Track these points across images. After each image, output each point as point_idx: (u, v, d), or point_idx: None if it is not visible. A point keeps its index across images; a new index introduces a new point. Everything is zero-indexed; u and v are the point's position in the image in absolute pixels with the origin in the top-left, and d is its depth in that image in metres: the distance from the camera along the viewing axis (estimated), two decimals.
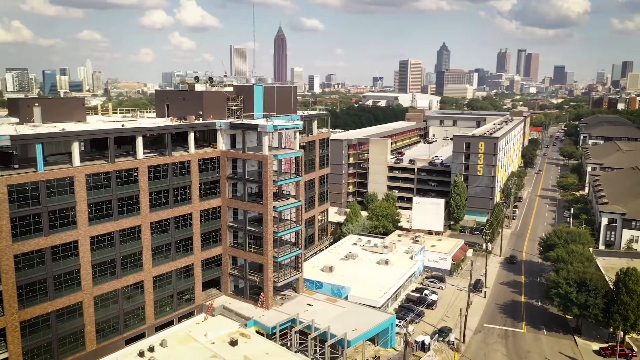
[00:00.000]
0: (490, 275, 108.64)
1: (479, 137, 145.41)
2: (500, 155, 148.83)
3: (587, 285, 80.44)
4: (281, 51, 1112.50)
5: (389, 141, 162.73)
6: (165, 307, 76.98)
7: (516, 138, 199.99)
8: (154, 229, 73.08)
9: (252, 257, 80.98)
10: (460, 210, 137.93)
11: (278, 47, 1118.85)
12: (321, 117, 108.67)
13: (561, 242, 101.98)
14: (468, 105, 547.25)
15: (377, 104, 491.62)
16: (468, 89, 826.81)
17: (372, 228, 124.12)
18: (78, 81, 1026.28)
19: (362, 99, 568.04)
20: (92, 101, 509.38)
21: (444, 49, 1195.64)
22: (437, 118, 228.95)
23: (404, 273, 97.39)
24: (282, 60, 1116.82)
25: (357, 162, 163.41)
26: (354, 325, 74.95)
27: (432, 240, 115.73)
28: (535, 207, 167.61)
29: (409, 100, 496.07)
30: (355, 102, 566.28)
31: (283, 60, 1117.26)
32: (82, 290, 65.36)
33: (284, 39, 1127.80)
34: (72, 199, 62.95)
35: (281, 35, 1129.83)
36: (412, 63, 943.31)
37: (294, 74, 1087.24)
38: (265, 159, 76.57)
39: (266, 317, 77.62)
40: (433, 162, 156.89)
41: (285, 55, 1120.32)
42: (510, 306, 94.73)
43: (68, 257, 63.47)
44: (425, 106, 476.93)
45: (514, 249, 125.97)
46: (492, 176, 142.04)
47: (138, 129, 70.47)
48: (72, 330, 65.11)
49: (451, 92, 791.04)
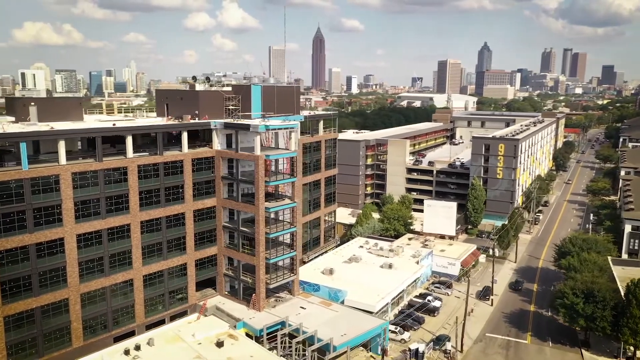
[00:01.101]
0: (501, 283, 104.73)
1: (498, 138, 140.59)
2: (522, 157, 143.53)
3: (595, 296, 76.09)
4: (319, 52, 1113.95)
5: (408, 142, 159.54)
6: (157, 306, 77.20)
7: (545, 140, 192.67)
8: (144, 228, 73.33)
9: (245, 258, 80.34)
10: (478, 214, 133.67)
11: (316, 47, 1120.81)
12: (328, 117, 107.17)
13: (576, 249, 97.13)
14: (506, 106, 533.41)
15: (411, 105, 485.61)
16: (509, 89, 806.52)
17: (383, 231, 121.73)
18: (123, 82, 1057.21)
19: (396, 100, 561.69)
20: (134, 101, 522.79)
21: (486, 48, 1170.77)
22: (465, 119, 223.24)
23: (407, 278, 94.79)
24: (321, 60, 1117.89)
25: (376, 163, 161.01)
26: (344, 330, 73.32)
27: (443, 245, 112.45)
28: (561, 212, 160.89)
29: (444, 101, 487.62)
30: (391, 103, 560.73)
31: (321, 60, 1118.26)
32: (68, 287, 66.10)
33: (322, 40, 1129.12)
34: (58, 196, 63.70)
35: (320, 35, 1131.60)
36: (451, 63, 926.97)
37: (332, 75, 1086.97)
38: (256, 159, 75.77)
39: (256, 319, 76.80)
40: (453, 164, 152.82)
41: (324, 55, 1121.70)
42: (517, 315, 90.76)
43: (54, 254, 64.27)
44: (461, 107, 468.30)
45: (530, 255, 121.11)
46: (512, 179, 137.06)
47: (127, 128, 70.88)
48: (57, 327, 65.90)
49: (491, 92, 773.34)
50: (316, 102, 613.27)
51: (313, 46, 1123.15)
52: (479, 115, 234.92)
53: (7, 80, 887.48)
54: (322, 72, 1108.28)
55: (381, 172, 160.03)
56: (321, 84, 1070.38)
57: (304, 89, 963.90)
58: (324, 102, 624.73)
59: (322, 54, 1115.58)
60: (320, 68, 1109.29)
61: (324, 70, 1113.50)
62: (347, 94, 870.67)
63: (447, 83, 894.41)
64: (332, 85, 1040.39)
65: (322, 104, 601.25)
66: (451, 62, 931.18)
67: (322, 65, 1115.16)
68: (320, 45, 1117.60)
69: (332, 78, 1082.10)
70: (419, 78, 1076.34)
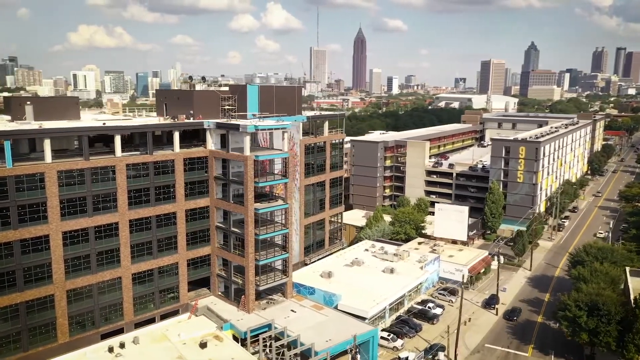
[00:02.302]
0: (511, 291, 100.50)
1: (519, 141, 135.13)
2: (544, 161, 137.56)
3: (599, 309, 71.55)
4: (360, 52, 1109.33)
5: (427, 144, 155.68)
6: (147, 304, 77.64)
7: (578, 143, 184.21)
8: (133, 227, 73.83)
9: (236, 259, 79.85)
10: (496, 218, 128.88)
11: (357, 48, 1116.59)
12: (333, 117, 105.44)
13: (589, 259, 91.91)
14: (549, 107, 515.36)
15: (449, 106, 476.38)
16: (555, 90, 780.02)
17: (394, 234, 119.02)
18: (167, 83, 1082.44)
19: (434, 101, 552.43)
20: None
21: (533, 48, 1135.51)
22: (495, 121, 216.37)
23: (408, 283, 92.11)
24: (362, 61, 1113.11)
25: (395, 165, 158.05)
26: (330, 335, 71.70)
27: (453, 250, 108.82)
28: (590, 218, 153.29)
29: (483, 102, 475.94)
30: (429, 104, 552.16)
31: (362, 61, 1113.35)
32: (53, 284, 67.16)
33: (363, 40, 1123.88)
34: (43, 194, 64.83)
35: (361, 36, 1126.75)
36: (495, 63, 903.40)
37: (373, 75, 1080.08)
38: (245, 159, 75.10)
39: (244, 320, 76.11)
40: (474, 166, 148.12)
41: (365, 56, 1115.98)
42: (522, 326, 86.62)
43: (38, 250, 65.46)
44: (501, 108, 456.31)
45: (548, 264, 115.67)
46: (534, 183, 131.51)
47: (116, 127, 71.55)
48: (43, 322, 67.07)
49: (536, 93, 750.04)
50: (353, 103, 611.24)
51: (354, 47, 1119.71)
52: (510, 117, 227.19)
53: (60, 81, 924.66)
54: (362, 73, 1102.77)
55: (400, 174, 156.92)
56: (362, 84, 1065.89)
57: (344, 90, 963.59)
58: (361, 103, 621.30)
59: (363, 55, 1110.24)
60: (361, 69, 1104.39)
61: (364, 71, 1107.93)
62: (387, 94, 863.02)
63: (490, 84, 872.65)
64: (373, 86, 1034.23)
65: (359, 105, 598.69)
66: (495, 62, 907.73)
67: (363, 66, 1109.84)
68: (361, 46, 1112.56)
69: (372, 79, 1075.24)
70: (462, 79, 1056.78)
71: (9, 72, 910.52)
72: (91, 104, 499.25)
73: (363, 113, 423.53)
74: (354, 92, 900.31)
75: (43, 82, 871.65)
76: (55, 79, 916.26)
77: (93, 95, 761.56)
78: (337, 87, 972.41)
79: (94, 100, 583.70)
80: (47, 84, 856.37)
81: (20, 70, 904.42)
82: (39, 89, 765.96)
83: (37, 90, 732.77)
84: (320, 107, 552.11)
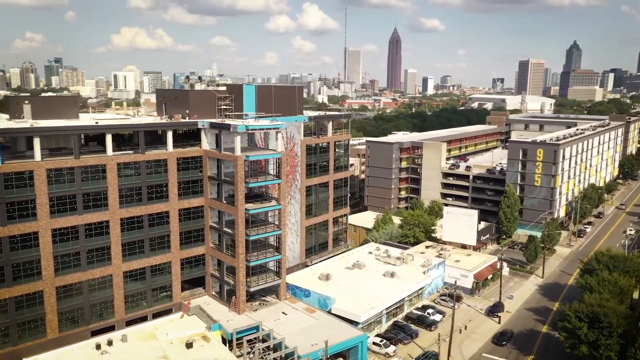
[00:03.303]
0: (519, 299, 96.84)
1: (537, 143, 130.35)
2: (564, 164, 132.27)
3: (600, 321, 67.86)
4: (395, 52, 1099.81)
5: (444, 145, 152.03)
6: (139, 302, 78.11)
7: (607, 145, 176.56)
8: (124, 225, 74.36)
9: (228, 259, 79.52)
10: (510, 223, 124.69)
11: (392, 48, 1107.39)
12: (337, 118, 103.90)
13: (600, 267, 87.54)
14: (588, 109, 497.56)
15: (482, 106, 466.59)
16: (597, 91, 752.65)
17: (402, 237, 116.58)
18: None
19: (468, 101, 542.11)
20: None
21: (575, 47, 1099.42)
22: (522, 122, 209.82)
23: (407, 288, 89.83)
24: (397, 61, 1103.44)
25: (411, 167, 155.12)
26: (317, 340, 70.31)
27: (460, 255, 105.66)
28: (615, 224, 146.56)
29: (518, 103, 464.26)
30: (462, 104, 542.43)
31: (397, 61, 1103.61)
32: (42, 280, 68.24)
33: (398, 40, 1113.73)
34: (32, 192, 65.91)
35: (396, 36, 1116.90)
36: (533, 63, 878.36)
37: (407, 76, 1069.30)
38: (235, 159, 74.64)
39: (233, 321, 75.68)
40: (491, 169, 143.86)
41: (400, 56, 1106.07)
42: (525, 336, 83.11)
43: (27, 247, 66.61)
44: (536, 109, 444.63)
45: (562, 271, 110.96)
46: (552, 187, 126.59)
47: (105, 126, 72.20)
48: (32, 317, 68.27)
49: (576, 94, 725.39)
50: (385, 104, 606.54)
51: (389, 47, 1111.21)
52: (537, 118, 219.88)
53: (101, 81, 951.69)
54: (397, 74, 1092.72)
55: (416, 176, 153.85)
56: (396, 85, 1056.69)
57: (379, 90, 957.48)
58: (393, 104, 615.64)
59: (398, 55, 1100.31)
60: (395, 69, 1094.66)
61: (399, 71, 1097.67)
62: (421, 95, 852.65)
63: (528, 84, 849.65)
64: (407, 87, 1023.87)
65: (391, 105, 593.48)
66: (533, 62, 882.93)
67: (398, 66, 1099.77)
68: (396, 46, 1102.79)
69: (407, 79, 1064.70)
70: (500, 79, 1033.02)
71: (55, 73, 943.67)
72: (130, 103, 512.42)
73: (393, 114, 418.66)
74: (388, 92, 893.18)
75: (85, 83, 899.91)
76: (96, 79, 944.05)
77: (132, 95, 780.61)
78: (371, 87, 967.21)
79: (132, 100, 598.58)
80: (90, 84, 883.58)
81: (65, 71, 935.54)
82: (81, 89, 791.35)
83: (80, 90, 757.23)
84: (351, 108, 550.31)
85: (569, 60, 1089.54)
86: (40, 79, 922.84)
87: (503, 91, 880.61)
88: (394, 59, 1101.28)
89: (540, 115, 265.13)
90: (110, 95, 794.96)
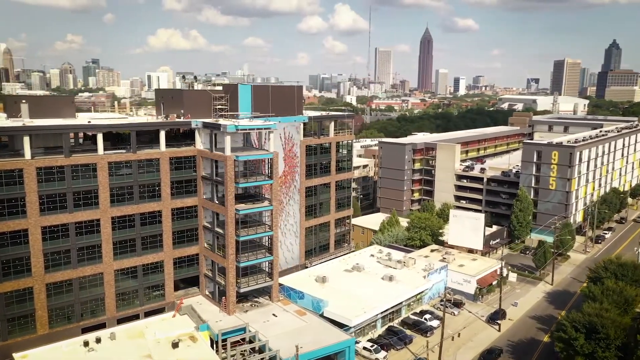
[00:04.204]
0: (524, 306, 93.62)
1: (552, 145, 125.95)
2: (582, 167, 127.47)
3: (597, 332, 64.74)
4: (427, 52, 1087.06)
5: (458, 147, 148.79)
6: (130, 300, 78.54)
7: (632, 148, 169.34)
8: (115, 224, 74.84)
9: (219, 259, 79.24)
10: (523, 228, 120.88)
11: (424, 48, 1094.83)
12: (339, 118, 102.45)
13: (607, 275, 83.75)
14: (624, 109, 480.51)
15: (512, 107, 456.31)
16: (636, 91, 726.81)
17: (409, 240, 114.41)
18: None
19: (498, 102, 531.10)
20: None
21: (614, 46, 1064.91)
22: (545, 123, 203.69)
23: (405, 292, 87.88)
24: (428, 61, 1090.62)
25: (424, 169, 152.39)
26: (303, 343, 69.13)
27: (465, 260, 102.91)
28: (638, 230, 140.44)
29: (549, 104, 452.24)
30: (492, 105, 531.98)
31: (429, 61, 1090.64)
32: (32, 277, 69.21)
33: (430, 40, 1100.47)
34: (22, 190, 66.93)
35: (427, 36, 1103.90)
36: (569, 63, 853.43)
37: (439, 76, 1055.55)
38: (224, 159, 74.28)
39: (221, 322, 75.29)
40: (506, 171, 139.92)
41: (431, 56, 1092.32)
42: (524, 345, 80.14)
43: (17, 244, 67.62)
44: (569, 110, 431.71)
45: (574, 278, 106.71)
46: (567, 191, 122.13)
47: (96, 125, 72.79)
48: (21, 314, 69.26)
49: (614, 94, 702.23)
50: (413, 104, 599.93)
51: (420, 47, 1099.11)
52: (562, 119, 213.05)
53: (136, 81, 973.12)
54: (428, 74, 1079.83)
55: (430, 178, 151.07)
56: (427, 85, 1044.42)
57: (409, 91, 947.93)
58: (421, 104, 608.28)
59: (430, 55, 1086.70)
60: (427, 69, 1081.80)
61: (430, 71, 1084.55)
62: (452, 95, 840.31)
63: (564, 84, 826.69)
64: (438, 87, 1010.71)
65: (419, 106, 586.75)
66: (569, 61, 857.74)
67: (429, 66, 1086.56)
68: (428, 46, 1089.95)
69: (438, 79, 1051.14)
70: (535, 79, 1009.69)
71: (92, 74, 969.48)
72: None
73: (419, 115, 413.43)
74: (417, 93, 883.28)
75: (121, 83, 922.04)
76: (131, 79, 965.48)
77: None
78: (402, 87, 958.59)
79: None
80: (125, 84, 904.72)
81: (102, 72, 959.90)
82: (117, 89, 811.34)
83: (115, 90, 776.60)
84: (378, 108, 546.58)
85: (607, 59, 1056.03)
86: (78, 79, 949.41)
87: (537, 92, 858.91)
88: (425, 59, 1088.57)
89: (565, 116, 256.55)
90: (144, 95, 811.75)
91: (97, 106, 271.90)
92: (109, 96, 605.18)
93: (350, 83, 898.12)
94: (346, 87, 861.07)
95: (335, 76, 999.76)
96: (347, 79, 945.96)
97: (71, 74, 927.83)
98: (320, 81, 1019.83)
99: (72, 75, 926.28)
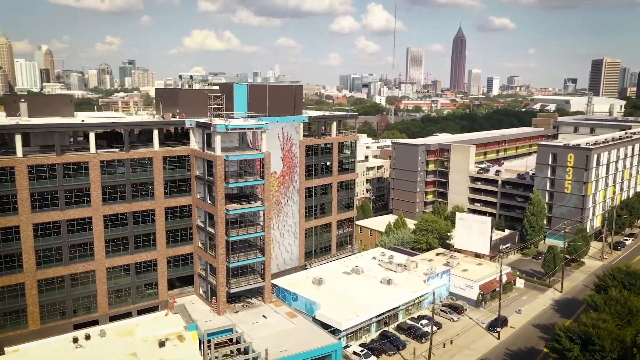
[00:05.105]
0: (528, 314, 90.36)
1: (568, 147, 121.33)
2: (600, 170, 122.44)
3: (593, 344, 61.65)
4: (459, 52, 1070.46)
5: (473, 148, 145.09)
6: (123, 298, 79.11)
7: None
8: (107, 222, 75.48)
9: (210, 259, 79.04)
10: (535, 232, 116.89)
11: (457, 47, 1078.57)
12: (340, 118, 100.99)
13: (614, 284, 79.89)
14: None
15: (545, 108, 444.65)
16: None
17: (415, 243, 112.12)
18: None
19: (530, 102, 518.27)
20: None
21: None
22: (571, 124, 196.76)
23: (402, 296, 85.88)
24: (461, 61, 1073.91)
25: (438, 170, 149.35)
26: (288, 345, 68.50)
27: (470, 264, 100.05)
28: None
29: (583, 104, 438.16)
30: (524, 106, 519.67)
31: (461, 61, 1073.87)
32: (24, 273, 70.39)
33: (463, 40, 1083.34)
34: (13, 187, 68.11)
35: (460, 35, 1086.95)
36: (608, 62, 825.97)
37: (471, 76, 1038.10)
38: (214, 159, 73.98)
39: (210, 322, 75.02)
40: (522, 174, 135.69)
41: (464, 56, 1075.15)
42: (523, 354, 77.12)
43: (9, 240, 68.86)
44: (604, 111, 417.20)
45: (586, 286, 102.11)
46: (583, 195, 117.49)
47: (89, 124, 73.52)
48: (13, 309, 70.55)
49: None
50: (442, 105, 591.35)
51: (453, 47, 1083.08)
52: (589, 120, 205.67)
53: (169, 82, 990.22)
54: (461, 74, 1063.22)
55: (444, 180, 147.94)
56: (459, 85, 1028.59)
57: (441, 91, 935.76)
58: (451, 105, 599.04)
59: (462, 55, 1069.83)
60: (459, 69, 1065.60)
61: (463, 71, 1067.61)
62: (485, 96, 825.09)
63: (602, 85, 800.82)
64: (471, 87, 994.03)
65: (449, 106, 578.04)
66: (608, 61, 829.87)
67: (462, 66, 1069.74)
68: (460, 45, 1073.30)
69: (471, 79, 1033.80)
70: (572, 79, 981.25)
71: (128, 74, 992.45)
72: None
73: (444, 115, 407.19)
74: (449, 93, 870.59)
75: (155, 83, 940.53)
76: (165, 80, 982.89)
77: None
78: (433, 88, 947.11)
79: None
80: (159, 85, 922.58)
81: (137, 72, 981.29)
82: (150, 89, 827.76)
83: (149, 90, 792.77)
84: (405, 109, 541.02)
85: None
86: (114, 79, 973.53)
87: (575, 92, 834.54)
88: (457, 58, 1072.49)
89: (592, 117, 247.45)
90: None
91: (110, 106, 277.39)
92: (143, 96, 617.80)
93: (380, 83, 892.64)
94: (377, 88, 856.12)
95: (366, 76, 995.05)
96: (377, 79, 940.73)
97: (108, 75, 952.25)
98: (351, 81, 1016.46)
99: (109, 76, 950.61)
